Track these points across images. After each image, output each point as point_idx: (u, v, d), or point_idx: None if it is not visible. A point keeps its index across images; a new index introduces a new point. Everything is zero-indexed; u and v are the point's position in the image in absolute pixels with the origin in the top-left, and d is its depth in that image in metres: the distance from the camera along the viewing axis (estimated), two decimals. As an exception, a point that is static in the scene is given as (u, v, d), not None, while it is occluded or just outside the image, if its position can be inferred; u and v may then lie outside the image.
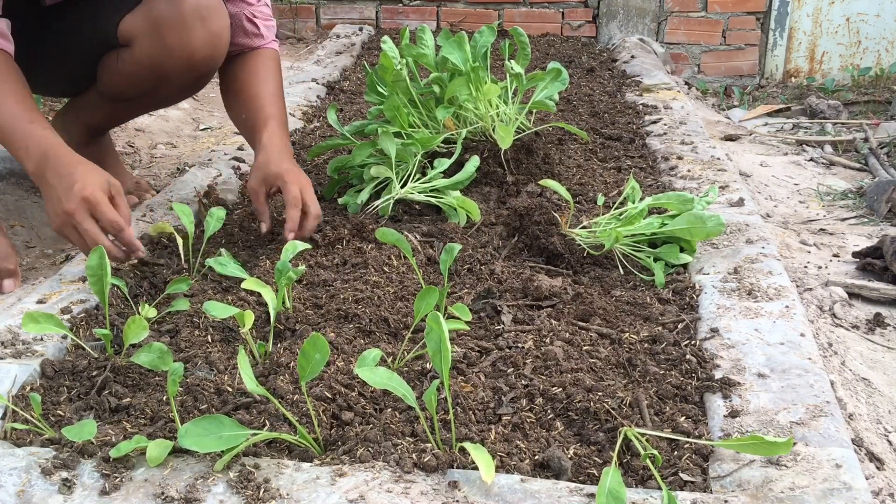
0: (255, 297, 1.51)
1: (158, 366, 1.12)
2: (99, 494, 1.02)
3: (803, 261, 2.14)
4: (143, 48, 1.88)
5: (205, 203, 1.95)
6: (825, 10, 4.31)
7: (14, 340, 1.36)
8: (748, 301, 1.51)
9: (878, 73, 4.29)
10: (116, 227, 1.52)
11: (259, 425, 1.14)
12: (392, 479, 1.03)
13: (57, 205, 1.52)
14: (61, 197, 1.51)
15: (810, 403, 1.19)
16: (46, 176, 1.54)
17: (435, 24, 4.43)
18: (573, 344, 1.39)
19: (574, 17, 4.41)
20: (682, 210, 1.71)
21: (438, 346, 1.07)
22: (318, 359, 1.07)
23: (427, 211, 1.94)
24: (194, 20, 1.84)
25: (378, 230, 1.52)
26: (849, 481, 1.02)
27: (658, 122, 2.72)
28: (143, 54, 1.89)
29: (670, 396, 1.25)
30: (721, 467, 1.08)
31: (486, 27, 2.12)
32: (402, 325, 1.45)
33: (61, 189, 1.51)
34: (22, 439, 1.14)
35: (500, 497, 1.00)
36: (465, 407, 1.19)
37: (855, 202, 2.65)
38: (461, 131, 2.02)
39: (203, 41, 1.87)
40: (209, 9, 1.85)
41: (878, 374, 1.63)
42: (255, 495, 1.01)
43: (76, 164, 1.55)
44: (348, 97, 3.18)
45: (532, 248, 1.75)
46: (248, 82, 1.94)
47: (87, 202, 1.50)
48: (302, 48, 4.36)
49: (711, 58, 4.40)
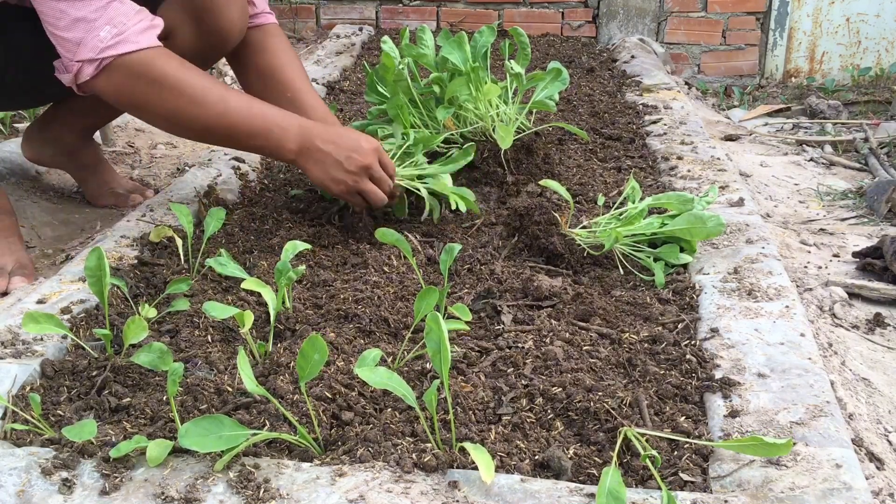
0: (255, 297, 1.51)
1: (158, 366, 1.12)
2: (99, 494, 1.02)
3: (803, 261, 2.14)
4: (184, 37, 1.87)
5: (205, 203, 1.95)
6: (825, 10, 4.31)
7: (14, 340, 1.36)
8: (748, 301, 1.51)
9: (878, 73, 4.29)
10: (388, 185, 1.72)
11: (259, 425, 1.14)
12: (392, 479, 1.03)
13: (348, 162, 1.64)
14: (351, 153, 1.64)
15: (810, 403, 1.19)
16: (317, 144, 1.64)
17: (435, 25, 4.43)
18: (573, 344, 1.39)
19: (574, 17, 4.41)
20: (682, 210, 1.71)
21: (438, 346, 1.07)
22: (316, 359, 1.07)
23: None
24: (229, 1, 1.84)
25: (377, 230, 1.52)
26: (849, 481, 1.02)
27: (658, 122, 2.72)
28: (184, 42, 1.87)
29: (670, 396, 1.25)
30: (721, 467, 1.08)
31: (486, 27, 2.12)
32: (402, 325, 1.45)
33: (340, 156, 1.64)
34: (22, 439, 1.14)
35: (500, 497, 1.00)
36: (465, 407, 1.19)
37: (855, 202, 2.65)
38: (460, 131, 2.03)
39: (238, 17, 1.88)
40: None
41: (878, 374, 1.63)
42: (255, 495, 1.01)
43: (341, 132, 1.69)
44: (348, 97, 3.18)
45: (532, 248, 1.75)
46: (279, 65, 1.93)
47: (367, 169, 1.66)
48: (302, 48, 4.36)
49: (711, 58, 4.40)
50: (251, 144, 1.68)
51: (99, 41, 1.49)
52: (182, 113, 1.59)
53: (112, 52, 1.50)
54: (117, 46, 1.50)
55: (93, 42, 1.49)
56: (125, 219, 1.91)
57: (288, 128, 1.64)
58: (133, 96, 1.58)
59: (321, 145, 1.63)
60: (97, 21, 1.48)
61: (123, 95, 1.58)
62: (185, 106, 1.58)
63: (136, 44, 1.51)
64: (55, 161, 2.22)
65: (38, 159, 2.25)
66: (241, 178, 2.20)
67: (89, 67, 1.51)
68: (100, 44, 1.49)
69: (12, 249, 1.83)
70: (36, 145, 2.20)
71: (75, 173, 2.26)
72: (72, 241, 2.09)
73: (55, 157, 2.20)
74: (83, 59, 1.51)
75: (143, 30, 1.53)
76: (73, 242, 2.08)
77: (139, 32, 1.52)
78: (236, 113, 1.61)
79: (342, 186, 1.66)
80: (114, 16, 1.49)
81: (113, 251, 1.71)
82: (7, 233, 1.84)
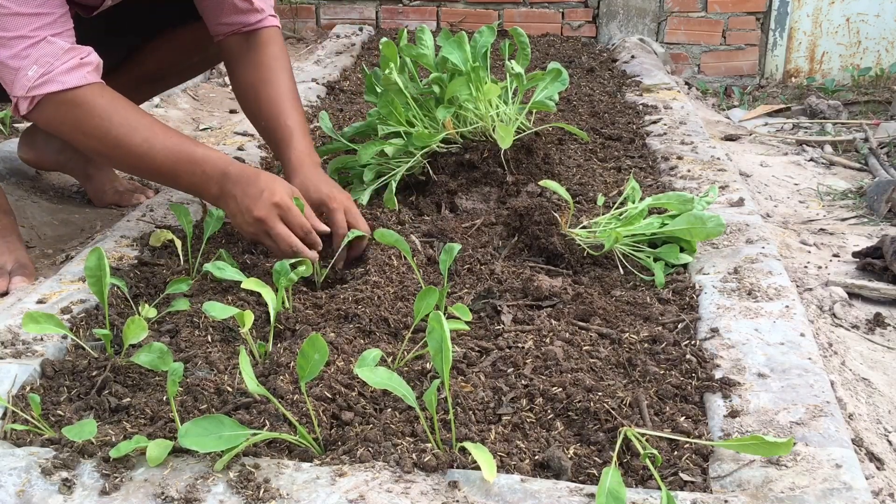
0: (255, 297, 1.51)
1: (158, 366, 1.12)
2: (99, 494, 1.02)
3: (803, 261, 2.14)
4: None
5: (204, 203, 1.95)
6: (825, 10, 4.31)
7: (14, 340, 1.36)
8: (748, 301, 1.51)
9: (878, 73, 4.29)
10: (305, 229, 1.59)
11: (259, 425, 1.14)
12: (392, 479, 1.03)
13: (247, 214, 1.57)
14: (251, 206, 1.56)
15: (810, 403, 1.19)
16: (231, 191, 1.59)
17: (435, 25, 4.43)
18: (573, 344, 1.39)
19: (574, 17, 4.41)
20: (682, 210, 1.71)
21: (440, 346, 1.07)
22: (317, 359, 1.07)
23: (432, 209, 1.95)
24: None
25: (377, 231, 1.53)
26: (849, 481, 1.02)
27: (658, 122, 2.72)
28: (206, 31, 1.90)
29: (670, 396, 1.25)
30: (721, 467, 1.08)
31: (486, 27, 2.12)
32: (402, 325, 1.45)
33: (250, 198, 1.56)
34: (22, 439, 1.14)
35: (500, 497, 1.00)
36: (465, 407, 1.19)
37: (855, 202, 2.65)
38: (459, 130, 2.03)
39: None
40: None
41: (878, 374, 1.63)
42: (255, 495, 1.01)
43: (258, 174, 1.60)
44: (348, 97, 3.18)
45: (532, 248, 1.75)
46: (259, 81, 1.87)
47: (277, 207, 1.56)
48: (302, 48, 4.36)
49: (711, 58, 4.40)
50: (178, 185, 1.67)
51: (27, 80, 1.53)
52: (109, 152, 1.61)
53: (38, 92, 1.53)
54: (43, 87, 1.53)
55: (21, 81, 1.53)
56: (125, 219, 1.91)
57: (210, 171, 1.60)
58: (65, 130, 1.61)
59: (234, 191, 1.58)
60: (25, 60, 1.52)
61: (56, 129, 1.63)
62: (111, 146, 1.59)
63: (62, 84, 1.54)
64: (57, 161, 2.22)
65: (37, 160, 2.24)
66: (241, 178, 2.20)
67: (24, 103, 1.56)
68: (27, 83, 1.53)
69: (12, 249, 1.83)
70: (39, 144, 2.20)
71: (79, 171, 2.26)
72: (72, 241, 2.09)
73: (58, 157, 2.20)
74: (17, 95, 1.55)
75: (71, 69, 1.55)
76: (73, 242, 2.08)
77: (65, 72, 1.54)
78: (161, 154, 1.60)
79: (249, 229, 1.59)
80: (40, 56, 1.52)
81: (113, 251, 1.71)
82: (7, 232, 1.84)
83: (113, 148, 1.59)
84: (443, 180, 2.01)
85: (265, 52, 1.90)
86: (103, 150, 1.61)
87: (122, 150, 1.59)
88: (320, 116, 2.24)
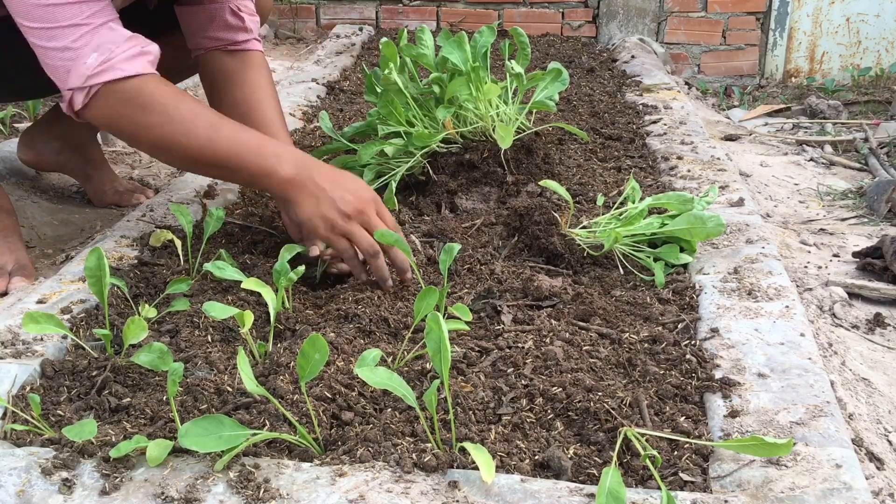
0: (255, 297, 1.51)
1: (158, 366, 1.12)
2: (99, 494, 1.02)
3: (803, 261, 2.14)
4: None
5: (205, 203, 1.95)
6: (825, 10, 4.31)
7: (14, 340, 1.36)
8: (748, 301, 1.51)
9: (878, 73, 4.29)
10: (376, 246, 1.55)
11: (259, 425, 1.14)
12: (392, 479, 1.03)
13: (344, 204, 1.54)
14: (346, 195, 1.54)
15: (810, 403, 1.19)
16: (314, 179, 1.55)
17: (435, 25, 4.43)
18: (573, 344, 1.39)
19: (574, 17, 4.41)
20: (682, 210, 1.71)
21: (438, 346, 1.07)
22: (317, 359, 1.07)
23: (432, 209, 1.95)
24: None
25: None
26: (849, 481, 1.02)
27: (658, 122, 2.72)
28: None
29: (670, 396, 1.25)
30: (721, 467, 1.08)
31: (486, 27, 2.12)
32: (402, 325, 1.45)
33: (335, 194, 1.54)
34: (22, 439, 1.14)
35: (500, 497, 1.00)
36: (465, 407, 1.19)
37: (855, 202, 2.65)
38: (459, 130, 2.03)
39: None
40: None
41: (878, 374, 1.63)
42: (255, 495, 1.01)
43: (341, 172, 1.60)
44: (348, 97, 3.18)
45: (532, 248, 1.75)
46: (255, 101, 1.84)
47: (362, 214, 1.54)
48: (302, 48, 4.36)
49: (711, 58, 4.40)
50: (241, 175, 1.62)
51: (85, 69, 1.46)
52: (171, 142, 1.55)
53: (98, 80, 1.46)
54: (103, 74, 1.46)
55: (79, 70, 1.46)
56: (125, 219, 1.91)
57: (284, 155, 1.57)
58: (122, 124, 1.54)
59: (318, 180, 1.55)
60: (83, 49, 1.45)
61: (114, 123, 1.55)
62: (173, 134, 1.53)
63: (123, 71, 1.47)
64: (57, 161, 2.22)
65: (37, 160, 2.24)
66: (241, 178, 2.20)
67: (79, 96, 1.49)
68: (86, 71, 1.46)
69: (13, 249, 1.83)
70: (39, 145, 2.20)
71: (79, 171, 2.26)
72: (72, 241, 2.09)
73: (59, 157, 2.20)
74: (73, 87, 1.48)
75: (132, 56, 1.49)
76: (73, 242, 2.08)
77: (127, 59, 1.48)
78: (227, 140, 1.55)
79: (330, 225, 1.54)
80: (100, 43, 1.46)
81: (113, 251, 1.71)
82: (7, 233, 1.84)
83: (176, 137, 1.53)
84: (443, 180, 2.01)
85: (258, 74, 1.87)
86: (165, 140, 1.54)
87: (187, 139, 1.53)
88: (320, 116, 2.24)
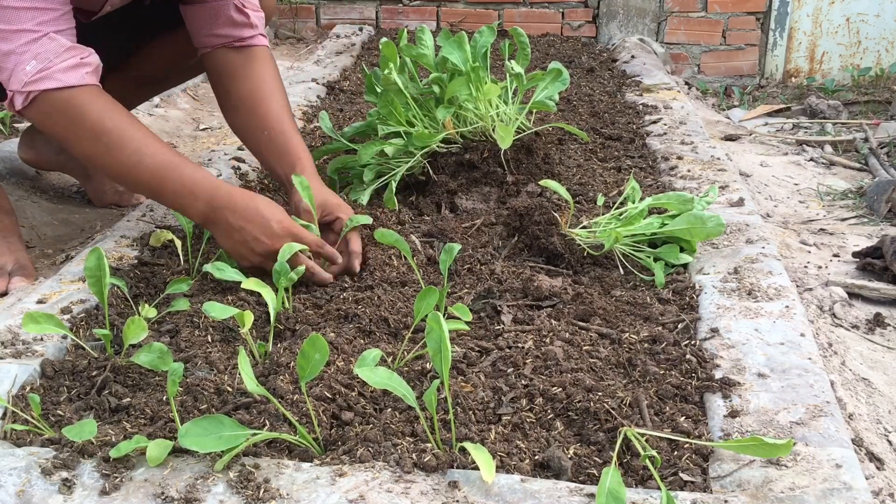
0: (255, 297, 1.51)
1: (158, 366, 1.12)
2: (99, 494, 1.02)
3: (803, 261, 2.14)
4: None
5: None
6: (825, 10, 4.31)
7: (14, 340, 1.36)
8: (748, 301, 1.51)
9: (878, 73, 4.28)
10: (318, 245, 1.59)
11: (259, 425, 1.14)
12: (392, 479, 1.03)
13: (256, 245, 1.55)
14: (260, 237, 1.55)
15: (810, 403, 1.19)
16: (227, 218, 1.56)
17: (435, 25, 4.43)
18: (573, 344, 1.39)
19: (574, 17, 4.41)
20: (682, 210, 1.71)
21: (438, 346, 1.07)
22: (317, 359, 1.07)
23: (432, 209, 1.95)
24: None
25: (376, 231, 1.53)
26: (849, 481, 1.02)
27: (658, 122, 2.72)
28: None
29: (670, 396, 1.25)
30: (721, 467, 1.08)
31: (486, 27, 2.12)
32: (402, 325, 1.45)
33: (257, 229, 1.55)
34: (22, 439, 1.14)
35: (500, 497, 1.00)
36: (465, 407, 1.19)
37: (855, 202, 2.65)
38: (459, 130, 2.03)
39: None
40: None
41: (878, 374, 1.63)
42: (255, 495, 1.01)
43: (254, 200, 1.59)
44: (348, 97, 3.18)
45: (532, 248, 1.75)
46: (262, 95, 1.85)
47: (292, 237, 1.56)
48: (302, 48, 4.36)
49: (711, 58, 4.40)
50: (161, 201, 1.65)
51: (24, 75, 1.51)
52: (97, 158, 1.59)
53: (35, 87, 1.51)
54: (40, 82, 1.51)
55: (19, 75, 1.51)
56: (125, 219, 1.91)
57: (199, 192, 1.58)
58: (57, 131, 1.59)
59: (231, 219, 1.57)
60: (24, 55, 1.50)
61: (48, 130, 1.61)
62: (100, 152, 1.57)
63: (60, 81, 1.52)
64: (57, 161, 2.22)
65: (37, 160, 2.24)
66: (241, 178, 2.20)
67: (19, 98, 1.54)
68: (25, 77, 1.51)
69: (13, 250, 1.83)
70: (39, 144, 2.19)
71: (79, 171, 2.26)
72: (72, 241, 2.09)
73: (58, 157, 2.20)
74: (13, 90, 1.53)
75: (70, 67, 1.53)
76: (73, 242, 2.08)
77: (64, 70, 1.52)
78: (149, 168, 1.57)
79: (246, 263, 1.58)
80: (40, 51, 1.51)
81: (113, 251, 1.71)
82: (7, 233, 1.84)
83: (102, 154, 1.57)
84: (443, 180, 2.01)
85: (265, 68, 1.88)
86: (92, 155, 1.59)
87: (111, 157, 1.57)
88: (320, 116, 2.24)
